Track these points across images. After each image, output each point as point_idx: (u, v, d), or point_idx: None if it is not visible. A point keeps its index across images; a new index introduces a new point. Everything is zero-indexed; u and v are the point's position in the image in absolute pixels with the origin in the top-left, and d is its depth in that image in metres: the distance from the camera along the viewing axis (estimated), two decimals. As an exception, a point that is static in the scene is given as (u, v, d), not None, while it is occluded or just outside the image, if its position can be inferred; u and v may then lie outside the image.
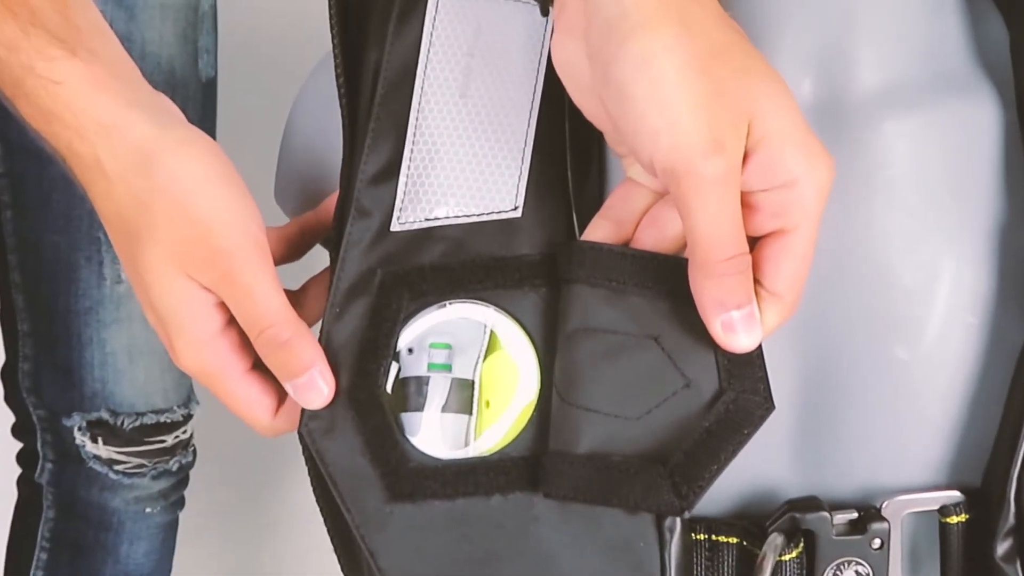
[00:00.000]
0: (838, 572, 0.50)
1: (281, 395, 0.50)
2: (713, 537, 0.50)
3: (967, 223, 0.50)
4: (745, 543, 0.50)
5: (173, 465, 0.96)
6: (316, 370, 0.47)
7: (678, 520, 0.47)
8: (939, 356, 0.50)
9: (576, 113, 0.48)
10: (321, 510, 0.50)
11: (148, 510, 0.97)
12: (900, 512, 0.50)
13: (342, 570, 0.52)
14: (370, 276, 0.48)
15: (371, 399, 0.47)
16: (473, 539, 0.46)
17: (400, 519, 0.46)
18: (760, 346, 0.45)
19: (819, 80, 0.50)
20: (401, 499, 0.46)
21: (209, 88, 0.93)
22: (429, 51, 0.50)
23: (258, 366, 0.50)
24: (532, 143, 0.49)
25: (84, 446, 0.93)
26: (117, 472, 0.94)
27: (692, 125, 0.41)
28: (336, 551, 0.51)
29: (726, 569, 0.50)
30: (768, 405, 0.45)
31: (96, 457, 0.94)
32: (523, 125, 0.49)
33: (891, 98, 0.51)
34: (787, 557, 0.49)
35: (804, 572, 0.50)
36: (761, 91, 0.42)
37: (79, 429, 0.93)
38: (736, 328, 0.43)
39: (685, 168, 0.41)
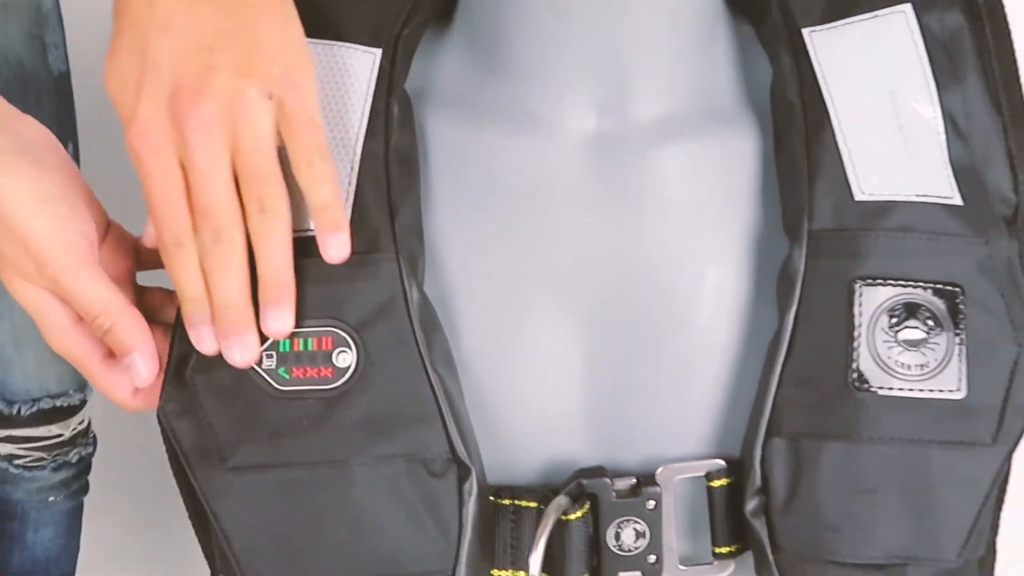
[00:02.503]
0: (619, 530, 0.58)
1: None
2: (516, 502, 0.58)
3: (731, 236, 0.59)
4: (542, 507, 0.58)
5: (73, 457, 0.99)
6: (136, 353, 0.54)
7: (475, 483, 0.55)
8: (707, 348, 0.59)
9: (397, 146, 0.57)
10: (178, 482, 0.57)
11: (51, 499, 0.99)
12: (672, 478, 0.58)
13: (196, 534, 0.59)
14: None
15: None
16: (301, 503, 0.53)
17: (240, 487, 0.53)
18: None
19: (604, 113, 0.59)
20: (242, 470, 0.54)
21: (62, 82, 0.95)
22: None
23: None
24: (358, 169, 0.56)
25: None
26: (17, 467, 0.97)
27: None
28: (190, 518, 0.58)
29: (527, 529, 0.58)
30: None
31: None
32: (350, 153, 0.56)
33: (666, 128, 0.59)
34: (573, 516, 0.57)
35: (590, 530, 0.58)
36: None
37: None
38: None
39: None
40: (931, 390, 0.54)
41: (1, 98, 0.57)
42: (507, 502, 0.58)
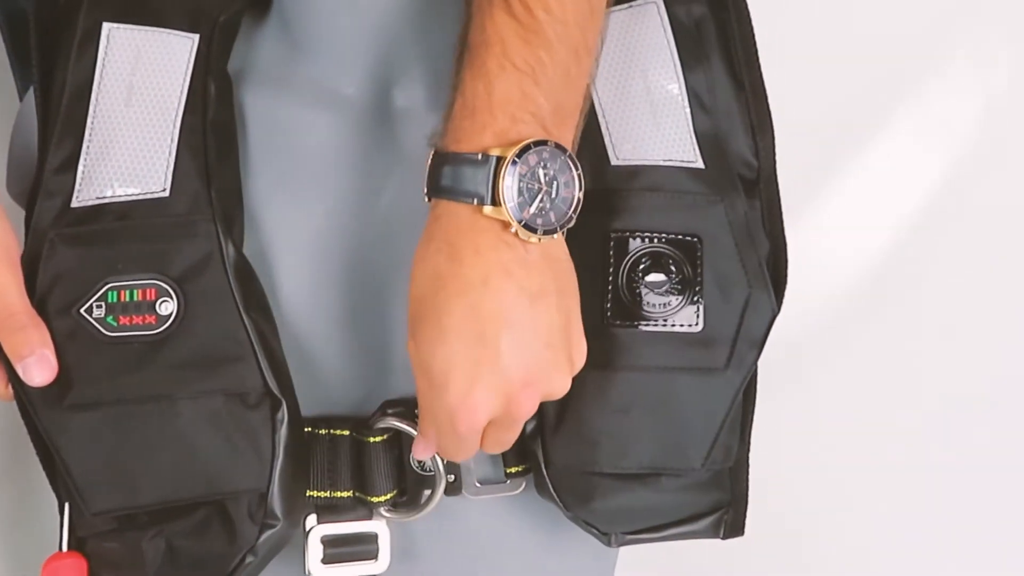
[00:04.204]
0: None
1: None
2: (331, 431, 0.66)
3: None
4: (355, 434, 0.67)
5: None
6: (48, 351, 0.60)
7: (286, 414, 0.63)
8: None
9: (215, 120, 0.64)
10: (25, 424, 0.64)
11: None
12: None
13: (44, 471, 0.65)
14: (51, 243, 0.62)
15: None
16: (132, 434, 0.60)
17: (77, 422, 0.60)
18: None
19: (383, 86, 0.67)
20: (78, 408, 0.61)
21: None
22: (102, 72, 0.64)
23: None
24: (178, 140, 0.64)
25: None
26: None
27: None
28: (38, 455, 0.65)
29: (342, 454, 0.66)
30: None
31: None
32: (170, 127, 0.64)
33: (440, 100, 0.67)
34: (378, 439, 0.66)
35: (396, 452, 0.67)
36: None
37: None
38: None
39: None
40: (673, 325, 0.64)
41: None
42: (323, 431, 0.66)
